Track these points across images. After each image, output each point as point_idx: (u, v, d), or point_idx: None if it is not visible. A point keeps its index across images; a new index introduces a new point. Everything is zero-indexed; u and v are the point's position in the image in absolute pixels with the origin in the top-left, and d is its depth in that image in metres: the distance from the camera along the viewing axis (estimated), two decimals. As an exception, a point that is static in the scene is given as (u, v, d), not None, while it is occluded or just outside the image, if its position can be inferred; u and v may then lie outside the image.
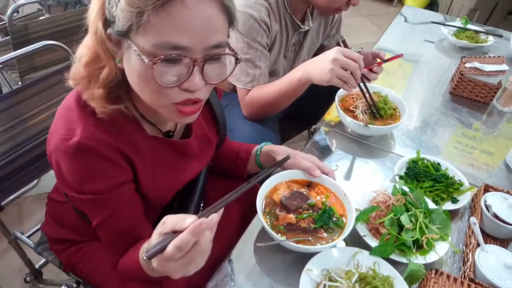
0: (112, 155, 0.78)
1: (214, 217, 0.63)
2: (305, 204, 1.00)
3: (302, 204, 1.00)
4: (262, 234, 1.00)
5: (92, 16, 0.71)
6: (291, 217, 0.96)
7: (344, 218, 1.00)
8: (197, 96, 0.73)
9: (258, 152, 1.16)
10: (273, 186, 1.05)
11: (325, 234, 0.96)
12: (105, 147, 0.77)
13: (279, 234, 0.94)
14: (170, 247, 0.61)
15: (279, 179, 1.07)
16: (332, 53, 1.15)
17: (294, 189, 1.05)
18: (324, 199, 1.02)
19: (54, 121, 0.81)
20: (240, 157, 1.19)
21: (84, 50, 0.75)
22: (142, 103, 0.79)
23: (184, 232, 0.61)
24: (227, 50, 0.74)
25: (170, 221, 0.65)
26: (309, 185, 1.08)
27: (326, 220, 0.97)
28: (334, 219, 0.98)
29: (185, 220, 0.62)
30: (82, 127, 0.75)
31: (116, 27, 0.68)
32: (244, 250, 0.98)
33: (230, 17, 0.73)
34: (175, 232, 0.63)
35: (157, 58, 0.66)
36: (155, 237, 0.66)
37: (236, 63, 0.76)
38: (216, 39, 0.70)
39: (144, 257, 0.65)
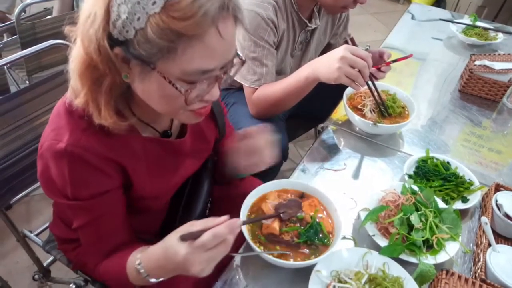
0: (98, 163, 0.77)
1: (240, 221, 0.72)
2: (295, 216, 0.96)
3: (295, 214, 0.96)
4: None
5: (89, 32, 0.66)
6: (275, 227, 0.93)
7: (330, 236, 0.95)
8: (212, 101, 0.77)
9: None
10: (262, 194, 1.03)
11: (306, 250, 0.92)
12: (91, 154, 0.76)
13: (258, 244, 0.91)
14: (207, 234, 0.68)
15: (269, 188, 1.04)
16: (340, 51, 1.14)
17: (292, 196, 1.02)
18: (313, 213, 0.98)
19: (46, 126, 0.80)
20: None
21: (75, 63, 0.71)
22: (142, 108, 0.80)
23: (222, 225, 0.70)
24: (237, 58, 0.76)
25: (200, 221, 0.71)
26: (301, 196, 1.04)
27: (311, 236, 0.93)
28: (321, 235, 0.94)
29: (218, 218, 0.71)
30: (70, 133, 0.75)
31: (133, 51, 0.65)
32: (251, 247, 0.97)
33: (239, 24, 0.73)
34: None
35: (193, 85, 0.69)
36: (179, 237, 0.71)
37: (242, 65, 0.78)
38: (234, 52, 0.73)
39: (178, 238, 0.70)
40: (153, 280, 0.79)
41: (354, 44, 1.26)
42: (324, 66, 1.18)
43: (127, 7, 0.62)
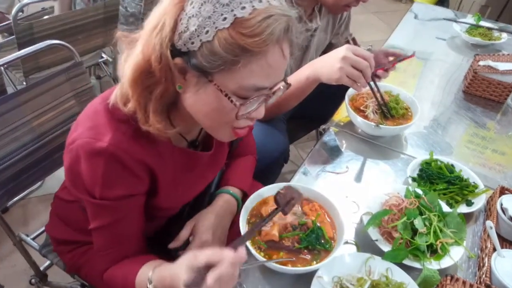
0: (134, 166, 0.79)
1: (244, 251, 0.68)
2: (298, 201, 0.91)
3: (296, 201, 0.89)
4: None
5: (154, 40, 0.69)
6: (274, 234, 0.90)
7: (333, 242, 0.93)
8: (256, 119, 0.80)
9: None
10: (262, 199, 1.00)
11: (308, 256, 0.90)
12: (130, 157, 0.77)
13: (259, 251, 0.89)
14: (211, 279, 0.64)
15: (270, 191, 1.01)
16: (342, 51, 1.12)
17: (297, 211, 0.98)
18: (314, 218, 0.96)
19: (79, 121, 0.81)
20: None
21: (130, 69, 0.72)
22: (181, 119, 0.81)
23: (225, 265, 0.64)
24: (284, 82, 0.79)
25: (204, 254, 0.66)
26: (306, 199, 1.01)
27: (312, 241, 0.91)
28: (323, 241, 0.92)
29: (223, 252, 0.66)
30: (112, 134, 0.76)
31: (194, 61, 0.69)
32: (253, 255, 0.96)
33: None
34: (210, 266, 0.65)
35: (247, 100, 0.72)
36: (185, 270, 0.67)
37: (286, 88, 0.80)
38: (284, 74, 0.76)
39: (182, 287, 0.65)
40: None
41: (355, 44, 1.24)
42: (326, 66, 1.16)
43: (197, 20, 0.66)
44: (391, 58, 1.43)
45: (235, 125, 0.78)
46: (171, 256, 0.92)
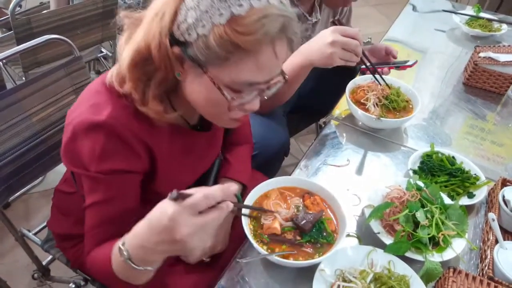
0: (132, 142, 0.79)
1: (235, 187, 0.68)
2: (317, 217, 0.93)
3: (316, 219, 0.92)
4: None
5: (154, 27, 0.71)
6: (276, 227, 0.91)
7: (335, 235, 0.93)
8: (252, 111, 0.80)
9: None
10: (263, 192, 1.00)
11: (310, 249, 0.90)
12: (128, 132, 0.78)
13: (261, 244, 0.89)
14: (198, 194, 0.63)
15: (271, 185, 1.01)
16: (330, 35, 1.11)
17: (299, 206, 0.98)
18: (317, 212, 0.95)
19: (79, 102, 0.82)
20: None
21: (131, 52, 0.73)
22: (183, 104, 0.82)
23: (215, 187, 0.65)
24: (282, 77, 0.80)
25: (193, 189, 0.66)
26: (308, 192, 1.01)
27: (314, 234, 0.91)
28: (325, 234, 0.92)
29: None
30: (112, 108, 0.77)
31: (190, 52, 0.70)
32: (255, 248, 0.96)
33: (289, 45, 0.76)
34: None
35: (237, 94, 0.73)
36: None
37: (284, 83, 0.81)
38: (280, 69, 0.78)
39: (168, 198, 0.63)
40: (134, 266, 0.70)
41: (341, 24, 1.22)
42: (317, 53, 1.15)
43: (195, 13, 0.67)
44: (394, 60, 1.43)
45: (230, 116, 0.80)
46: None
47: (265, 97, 0.81)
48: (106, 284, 1.04)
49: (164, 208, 0.63)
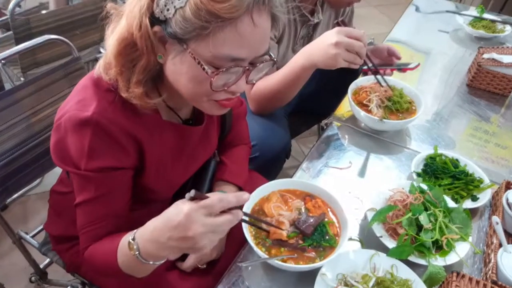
0: (120, 137, 0.79)
1: (247, 195, 0.72)
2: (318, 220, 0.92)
3: (317, 223, 0.92)
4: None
5: (135, 9, 0.71)
6: (282, 233, 0.89)
7: (337, 238, 0.92)
8: (237, 94, 0.79)
9: None
10: (264, 195, 0.99)
11: (312, 253, 0.89)
12: (115, 127, 0.77)
13: (262, 248, 0.88)
14: (214, 196, 0.67)
15: (272, 188, 0.99)
16: (334, 36, 1.10)
17: (301, 208, 0.97)
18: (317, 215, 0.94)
19: (68, 98, 0.82)
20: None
21: (115, 40, 0.74)
22: (169, 92, 0.81)
23: (230, 193, 0.69)
24: (268, 56, 0.78)
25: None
26: (309, 195, 1.00)
27: (317, 238, 0.90)
28: (327, 237, 0.91)
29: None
30: (97, 103, 0.76)
31: (170, 29, 0.70)
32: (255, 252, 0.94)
33: (274, 21, 0.76)
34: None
35: (220, 70, 0.71)
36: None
37: (272, 65, 0.81)
38: (265, 48, 0.76)
39: (186, 197, 0.67)
40: (143, 260, 0.73)
41: (345, 25, 1.21)
42: (320, 54, 1.13)
43: None
44: (397, 61, 1.42)
45: (214, 98, 0.78)
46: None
47: (254, 81, 0.80)
48: (101, 280, 1.05)
49: (181, 206, 0.67)
